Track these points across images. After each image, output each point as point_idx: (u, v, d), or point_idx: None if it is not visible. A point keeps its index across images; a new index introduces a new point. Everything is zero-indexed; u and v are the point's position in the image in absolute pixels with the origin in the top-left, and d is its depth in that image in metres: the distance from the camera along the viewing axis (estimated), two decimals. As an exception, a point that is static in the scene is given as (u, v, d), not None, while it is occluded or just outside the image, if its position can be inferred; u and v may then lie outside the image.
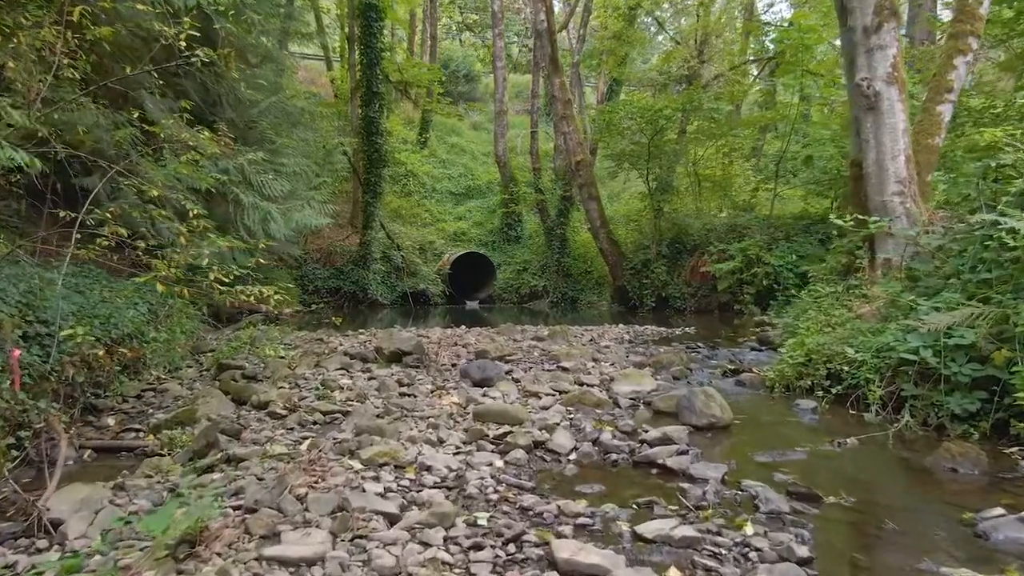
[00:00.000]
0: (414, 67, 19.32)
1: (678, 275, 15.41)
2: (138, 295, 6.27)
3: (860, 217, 6.11)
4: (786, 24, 12.94)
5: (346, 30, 18.90)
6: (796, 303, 7.84)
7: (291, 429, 3.90)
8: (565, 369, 5.90)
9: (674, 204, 15.90)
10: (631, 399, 4.97)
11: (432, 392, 4.94)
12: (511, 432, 3.61)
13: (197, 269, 5.58)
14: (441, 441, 3.58)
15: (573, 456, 3.51)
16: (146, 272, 5.42)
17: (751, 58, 16.33)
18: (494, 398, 4.75)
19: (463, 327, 9.59)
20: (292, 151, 12.62)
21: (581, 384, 5.37)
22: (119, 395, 5.56)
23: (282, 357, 6.76)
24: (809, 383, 5.27)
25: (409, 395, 4.81)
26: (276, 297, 4.70)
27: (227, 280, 4.80)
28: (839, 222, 6.03)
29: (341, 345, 7.44)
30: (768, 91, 14.79)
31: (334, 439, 3.57)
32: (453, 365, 6.13)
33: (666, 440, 3.67)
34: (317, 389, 4.95)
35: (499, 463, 3.29)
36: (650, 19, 20.11)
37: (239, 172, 10.59)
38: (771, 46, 17.19)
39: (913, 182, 6.18)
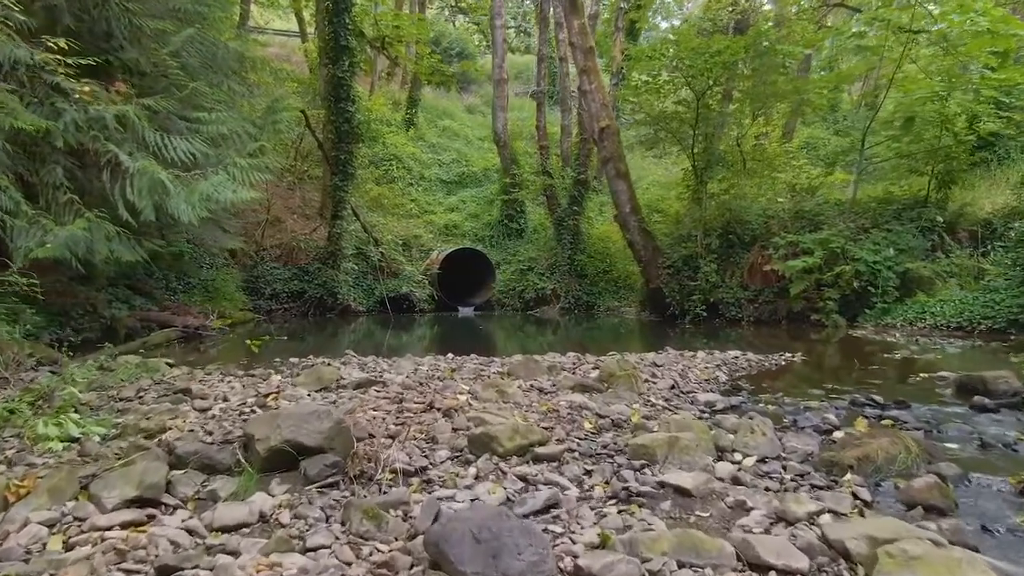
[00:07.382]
0: (395, 18, 15.84)
1: (731, 275, 12.00)
2: None
3: None
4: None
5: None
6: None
7: None
8: (685, 494, 2.46)
9: (724, 185, 12.47)
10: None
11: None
12: None
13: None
14: None
15: None
16: None
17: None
18: None
19: (450, 355, 6.16)
20: (219, 104, 9.17)
21: None
22: None
23: (75, 440, 3.30)
24: None
25: None
26: None
27: None
28: None
29: (219, 403, 3.96)
30: (858, 33, 11.39)
31: None
32: (421, 471, 2.68)
33: None
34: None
35: None
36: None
37: (121, 125, 7.22)
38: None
39: None
